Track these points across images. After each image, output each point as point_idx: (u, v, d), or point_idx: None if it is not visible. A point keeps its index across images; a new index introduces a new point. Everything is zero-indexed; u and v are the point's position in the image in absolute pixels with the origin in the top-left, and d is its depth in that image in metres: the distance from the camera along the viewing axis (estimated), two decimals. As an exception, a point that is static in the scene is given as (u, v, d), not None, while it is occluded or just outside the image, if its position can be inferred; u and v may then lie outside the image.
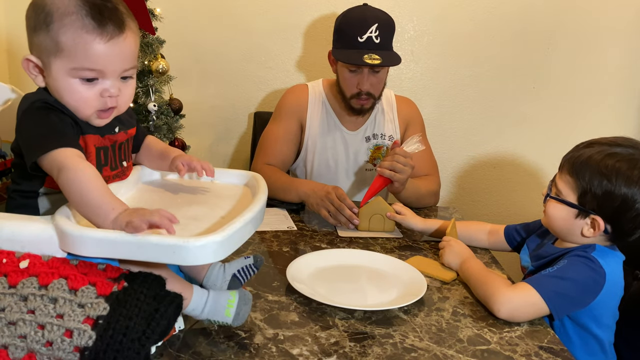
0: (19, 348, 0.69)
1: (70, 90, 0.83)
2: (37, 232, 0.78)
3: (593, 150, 1.09)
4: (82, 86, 0.83)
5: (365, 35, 1.57)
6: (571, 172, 1.10)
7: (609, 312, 1.13)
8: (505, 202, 2.38)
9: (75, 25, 0.79)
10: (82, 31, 0.80)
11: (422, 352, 0.93)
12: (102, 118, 0.87)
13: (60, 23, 0.79)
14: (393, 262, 1.26)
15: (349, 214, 1.45)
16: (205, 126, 2.24)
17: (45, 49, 0.81)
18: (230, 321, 0.90)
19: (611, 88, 2.25)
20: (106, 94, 0.84)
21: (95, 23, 0.80)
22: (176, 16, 2.04)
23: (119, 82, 0.86)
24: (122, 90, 0.86)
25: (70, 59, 0.80)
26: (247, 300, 0.92)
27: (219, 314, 0.89)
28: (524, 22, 2.16)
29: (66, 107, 0.84)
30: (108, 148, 0.90)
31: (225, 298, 0.90)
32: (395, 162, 1.49)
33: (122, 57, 0.84)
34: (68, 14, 0.79)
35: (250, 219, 0.84)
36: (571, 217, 1.11)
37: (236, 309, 0.89)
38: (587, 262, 1.07)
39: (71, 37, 0.79)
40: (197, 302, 0.88)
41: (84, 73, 0.82)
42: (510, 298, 1.05)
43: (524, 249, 1.28)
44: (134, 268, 0.80)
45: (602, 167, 1.05)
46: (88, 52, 0.80)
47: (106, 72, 0.83)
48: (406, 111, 1.83)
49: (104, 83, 0.84)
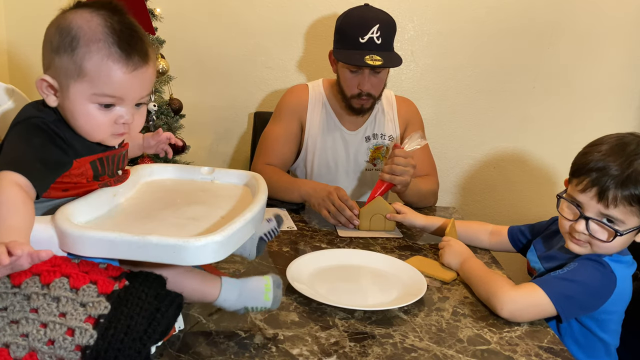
0: (21, 347, 0.70)
1: (87, 115, 0.83)
2: (36, 231, 0.78)
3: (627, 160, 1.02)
4: (98, 111, 0.83)
5: (367, 36, 1.57)
6: (629, 200, 1.01)
7: (616, 317, 1.12)
8: (506, 202, 2.38)
9: (102, 52, 0.80)
10: (108, 59, 0.80)
11: (422, 352, 0.94)
12: (116, 138, 0.89)
13: (87, 49, 0.80)
14: (393, 262, 1.26)
15: (349, 214, 1.45)
16: (205, 126, 2.24)
17: (66, 72, 0.81)
18: (270, 305, 0.92)
19: (612, 88, 2.25)
20: (121, 120, 0.85)
21: (122, 52, 0.81)
22: (176, 16, 2.04)
23: (133, 109, 0.86)
24: (134, 117, 0.87)
25: (92, 85, 0.81)
26: (278, 283, 0.94)
27: (258, 299, 0.92)
28: (524, 22, 2.17)
29: (63, 131, 0.84)
30: (102, 158, 0.90)
31: (262, 283, 0.92)
32: (394, 165, 1.49)
33: (142, 86, 0.85)
34: (95, 41, 0.80)
35: (250, 219, 0.85)
36: (632, 236, 1.06)
37: (273, 293, 0.92)
38: (599, 266, 1.06)
39: (96, 63, 0.80)
40: (228, 293, 0.89)
41: (103, 99, 0.82)
42: (514, 297, 1.05)
43: (531, 250, 1.27)
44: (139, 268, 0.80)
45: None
46: (111, 80, 0.81)
47: (125, 100, 0.84)
48: (406, 110, 1.83)
49: (120, 110, 0.84)
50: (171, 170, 1.07)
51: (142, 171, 1.04)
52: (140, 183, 1.02)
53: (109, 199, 0.89)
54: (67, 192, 0.86)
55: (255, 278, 0.93)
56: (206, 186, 1.04)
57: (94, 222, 0.83)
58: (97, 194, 0.87)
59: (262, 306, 0.92)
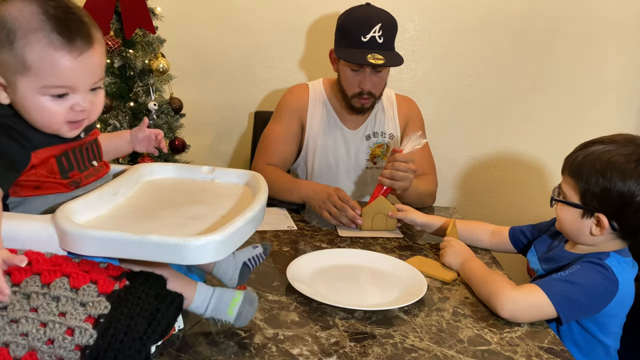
0: (20, 346, 0.69)
1: (39, 108, 0.79)
2: (37, 230, 0.78)
3: (590, 149, 1.09)
4: (51, 102, 0.79)
5: (369, 35, 1.57)
6: (571, 173, 1.11)
7: (617, 321, 1.12)
8: (506, 202, 2.38)
9: (42, 42, 0.75)
10: (49, 48, 0.76)
11: (423, 353, 0.93)
12: (73, 129, 0.85)
13: (25, 40, 0.75)
14: (393, 262, 1.26)
15: (351, 214, 1.45)
16: (206, 125, 2.24)
17: (10, 67, 0.77)
18: (232, 320, 0.89)
19: (612, 88, 2.24)
20: (77, 107, 0.81)
21: (63, 39, 0.76)
22: (177, 15, 2.03)
23: (89, 95, 0.83)
24: (93, 102, 0.84)
25: (39, 78, 0.77)
26: (251, 301, 0.91)
27: (221, 312, 0.89)
28: (524, 22, 2.16)
29: (19, 125, 0.80)
30: (68, 152, 0.87)
31: (229, 296, 0.89)
32: (394, 170, 1.48)
33: (92, 71, 0.81)
34: (32, 31, 0.75)
35: (251, 219, 0.84)
36: (577, 217, 1.11)
37: (239, 308, 0.89)
38: (601, 269, 1.06)
39: (38, 55, 0.76)
40: (201, 299, 0.87)
41: (53, 90, 0.78)
42: (514, 298, 1.05)
43: (531, 251, 1.27)
44: (135, 267, 0.80)
45: (597, 164, 1.06)
46: (57, 70, 0.77)
47: (77, 88, 0.80)
48: (406, 109, 1.83)
49: (74, 97, 0.81)
50: (171, 170, 1.06)
51: (143, 170, 1.04)
52: (140, 182, 1.02)
53: (110, 198, 0.89)
54: (38, 189, 0.84)
55: (228, 290, 0.91)
56: (206, 185, 1.04)
57: (94, 221, 0.83)
58: (97, 193, 0.87)
59: (226, 320, 0.89)
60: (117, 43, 1.75)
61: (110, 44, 1.74)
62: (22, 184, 0.82)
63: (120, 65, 1.79)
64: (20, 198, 0.84)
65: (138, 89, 1.83)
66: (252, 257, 0.98)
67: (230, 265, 0.96)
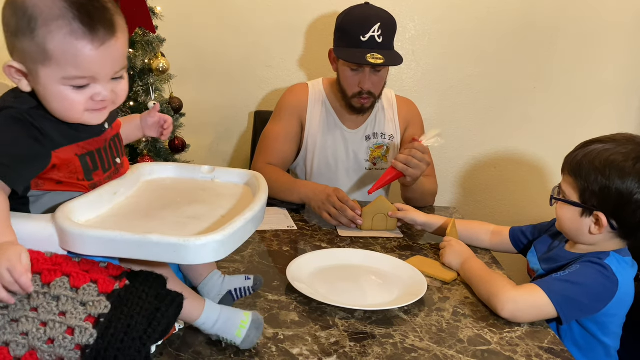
0: (20, 345, 0.69)
1: (60, 98, 0.78)
2: (37, 230, 0.78)
3: (590, 148, 1.10)
4: (72, 92, 0.78)
5: (368, 35, 1.57)
6: (570, 172, 1.11)
7: (617, 320, 1.12)
8: (506, 202, 2.38)
9: (64, 31, 0.73)
10: (71, 38, 0.74)
11: (423, 352, 0.93)
12: (95, 113, 0.82)
13: (47, 29, 0.73)
14: (393, 262, 1.26)
15: (351, 215, 1.45)
16: (206, 125, 2.24)
17: (31, 56, 0.75)
18: (239, 342, 0.88)
19: (612, 88, 2.24)
20: (98, 97, 0.79)
21: (85, 28, 0.74)
22: (177, 15, 2.03)
23: (111, 84, 0.81)
24: (115, 90, 0.82)
25: (60, 68, 0.75)
26: (258, 324, 0.90)
27: (229, 332, 0.88)
28: (524, 22, 2.16)
29: (40, 121, 0.79)
30: (94, 152, 0.86)
31: (238, 318, 0.89)
32: (411, 157, 1.48)
33: (114, 61, 0.79)
34: (54, 18, 0.73)
35: (251, 218, 0.84)
36: (577, 216, 1.11)
37: (247, 332, 0.88)
38: (600, 269, 1.06)
39: (60, 44, 0.74)
40: (208, 317, 0.87)
41: (75, 81, 0.77)
42: (515, 298, 1.05)
43: (531, 251, 1.27)
44: (136, 267, 0.80)
45: (596, 163, 1.06)
46: (79, 60, 0.75)
47: (98, 78, 0.78)
48: (406, 111, 1.83)
49: (95, 87, 0.79)
50: (172, 169, 1.06)
51: (143, 170, 1.04)
52: (140, 182, 1.02)
53: (110, 198, 0.89)
54: (61, 185, 0.82)
55: (236, 310, 0.90)
56: (207, 185, 1.03)
57: (94, 220, 0.83)
58: (97, 192, 0.86)
59: (232, 340, 0.88)
60: (117, 42, 1.74)
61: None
62: (46, 178, 0.81)
63: (120, 64, 1.79)
64: (41, 192, 0.82)
65: (138, 88, 1.83)
66: (239, 288, 0.99)
67: (215, 287, 0.96)
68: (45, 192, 0.83)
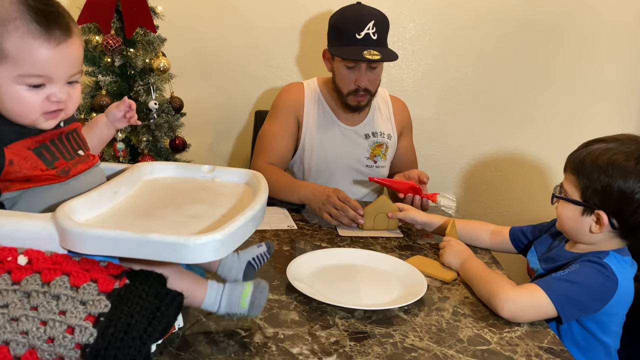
0: (20, 344, 0.69)
1: (15, 98, 0.79)
2: (37, 229, 0.78)
3: (593, 147, 1.10)
4: (27, 92, 0.79)
5: (363, 32, 1.59)
6: (573, 170, 1.11)
7: (617, 320, 1.12)
8: (506, 202, 2.38)
9: (20, 31, 0.76)
10: (28, 37, 0.76)
11: (422, 352, 0.93)
12: (49, 119, 0.84)
13: (4, 29, 0.76)
14: (393, 261, 1.26)
15: (352, 214, 1.45)
16: (206, 124, 2.24)
17: None
18: (246, 311, 0.89)
19: (613, 88, 2.25)
20: (53, 98, 0.81)
21: (41, 28, 0.77)
22: (177, 14, 2.04)
23: (66, 87, 0.83)
24: (69, 94, 0.84)
25: (16, 66, 0.77)
26: (262, 288, 0.91)
27: (234, 305, 0.89)
28: (525, 22, 2.16)
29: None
30: (47, 144, 0.86)
31: (240, 289, 0.90)
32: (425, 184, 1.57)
33: (70, 62, 0.82)
34: (11, 20, 0.76)
35: (251, 218, 0.84)
36: (578, 215, 1.11)
37: (251, 298, 0.89)
38: (600, 268, 1.06)
39: (16, 43, 0.76)
40: (212, 297, 0.88)
41: (30, 80, 0.79)
42: (514, 297, 1.05)
43: (531, 251, 1.28)
44: (136, 266, 0.80)
45: (599, 162, 1.07)
46: (35, 58, 0.77)
47: (53, 78, 0.80)
48: (401, 116, 1.87)
49: (50, 88, 0.81)
50: (172, 169, 1.06)
51: (143, 169, 1.04)
52: (141, 181, 1.02)
53: (110, 197, 0.89)
54: (30, 182, 0.83)
55: (237, 284, 0.91)
56: (207, 184, 1.04)
57: (94, 219, 0.83)
58: (98, 191, 0.87)
59: (240, 313, 0.89)
60: (117, 42, 1.75)
61: (111, 43, 1.74)
62: (12, 179, 0.81)
63: (121, 64, 1.80)
64: (14, 193, 0.83)
65: (139, 88, 1.83)
66: (256, 256, 0.99)
67: (234, 264, 0.97)
68: (18, 192, 0.83)
